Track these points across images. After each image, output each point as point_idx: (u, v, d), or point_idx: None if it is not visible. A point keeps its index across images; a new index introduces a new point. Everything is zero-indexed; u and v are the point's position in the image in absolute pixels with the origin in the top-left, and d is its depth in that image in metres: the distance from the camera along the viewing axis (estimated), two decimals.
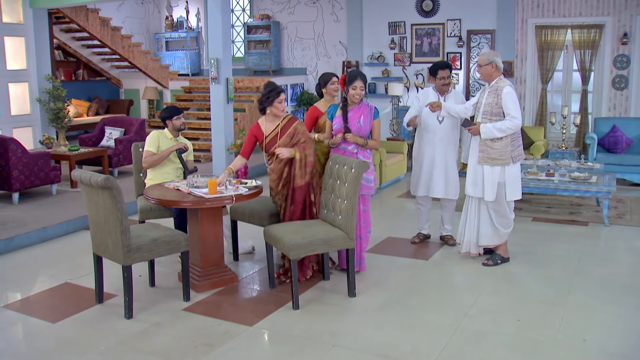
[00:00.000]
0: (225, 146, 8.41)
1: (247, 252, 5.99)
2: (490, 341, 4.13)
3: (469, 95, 11.14)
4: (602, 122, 9.48)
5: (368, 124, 5.28)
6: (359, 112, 5.26)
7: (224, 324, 4.41)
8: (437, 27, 11.39)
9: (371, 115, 5.29)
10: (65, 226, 6.81)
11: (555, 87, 10.69)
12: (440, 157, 5.94)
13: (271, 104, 5.16)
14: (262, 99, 5.18)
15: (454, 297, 4.93)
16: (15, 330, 4.53)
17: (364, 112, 5.27)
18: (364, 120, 5.25)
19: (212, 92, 8.52)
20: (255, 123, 5.39)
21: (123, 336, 4.25)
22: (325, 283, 5.19)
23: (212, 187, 4.85)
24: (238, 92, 12.03)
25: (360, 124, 5.24)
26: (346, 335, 4.23)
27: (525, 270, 5.47)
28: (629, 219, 7.10)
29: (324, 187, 5.09)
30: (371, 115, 5.29)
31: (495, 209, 5.46)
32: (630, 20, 9.76)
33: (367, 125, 5.26)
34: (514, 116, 5.22)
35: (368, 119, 5.27)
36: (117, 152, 9.32)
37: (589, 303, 4.74)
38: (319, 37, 12.81)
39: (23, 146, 7.70)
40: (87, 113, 13.03)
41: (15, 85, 10.08)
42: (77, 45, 13.32)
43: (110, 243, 4.51)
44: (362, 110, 5.28)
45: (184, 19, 14.67)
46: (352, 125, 5.21)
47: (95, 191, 4.46)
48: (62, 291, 5.14)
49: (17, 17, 10.05)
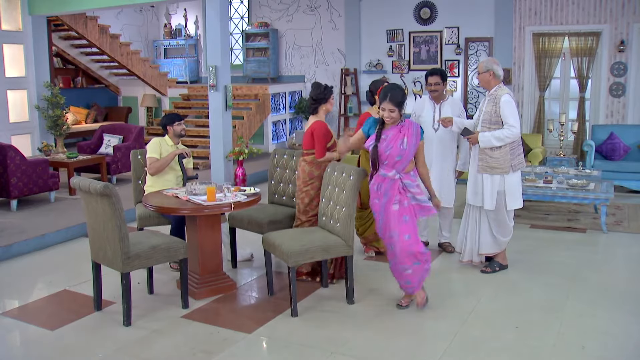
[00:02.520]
0: (223, 154, 8.41)
1: (245, 260, 5.99)
2: (489, 348, 4.13)
3: (467, 103, 11.17)
4: (600, 129, 9.50)
5: (413, 146, 4.56)
6: (401, 133, 4.55)
7: (223, 331, 4.41)
8: (435, 35, 11.44)
9: (417, 136, 4.57)
10: (64, 233, 6.80)
11: (553, 94, 10.72)
12: (436, 165, 5.94)
13: (327, 101, 5.30)
14: (319, 96, 5.26)
15: (453, 303, 4.93)
16: (14, 338, 4.52)
17: (409, 133, 4.55)
18: (408, 142, 4.53)
19: (211, 99, 8.53)
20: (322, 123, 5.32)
21: (122, 343, 4.25)
22: (323, 290, 5.19)
23: (210, 194, 4.86)
24: (236, 99, 12.05)
25: (403, 147, 4.52)
26: (345, 342, 4.22)
27: (523, 277, 5.47)
28: (627, 226, 7.11)
29: (323, 194, 5.09)
30: (417, 137, 4.57)
31: (495, 217, 5.46)
32: (627, 28, 9.81)
33: (411, 148, 4.55)
34: (512, 125, 5.21)
35: (413, 141, 4.55)
36: (116, 160, 9.32)
37: (588, 310, 4.74)
38: (317, 44, 12.84)
39: (21, 153, 7.70)
40: (85, 120, 13.04)
41: (14, 93, 10.08)
42: (76, 53, 13.34)
43: (109, 250, 4.50)
44: (407, 130, 4.56)
45: (183, 27, 14.70)
46: (393, 148, 4.51)
47: (94, 198, 4.46)
48: (61, 298, 5.13)
49: (16, 24, 10.07)
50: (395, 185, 4.58)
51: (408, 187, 4.60)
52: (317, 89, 5.29)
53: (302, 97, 12.93)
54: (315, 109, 5.29)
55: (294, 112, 12.85)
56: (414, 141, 4.55)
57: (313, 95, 5.28)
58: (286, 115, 12.72)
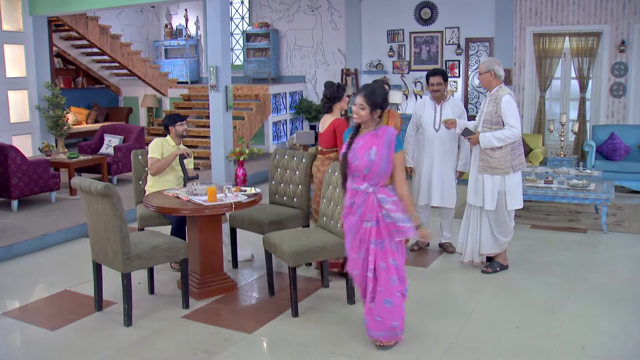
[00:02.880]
0: (224, 154, 8.42)
1: (246, 260, 5.99)
2: (490, 348, 4.13)
3: (468, 103, 11.17)
4: (600, 130, 9.50)
5: (384, 158, 3.86)
6: (371, 141, 3.91)
7: (224, 332, 4.41)
8: (436, 35, 11.44)
9: (389, 147, 3.86)
10: (65, 234, 6.81)
11: (554, 94, 10.72)
12: (437, 165, 5.95)
13: (341, 100, 5.43)
14: (333, 95, 5.40)
15: (454, 304, 4.93)
16: (14, 338, 4.53)
17: (380, 142, 3.86)
18: (377, 152, 3.85)
19: (211, 99, 8.53)
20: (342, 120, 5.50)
21: (122, 344, 4.25)
22: (324, 290, 5.19)
23: (211, 194, 4.86)
24: (237, 99, 12.05)
25: (370, 158, 3.86)
26: (346, 342, 4.22)
27: (524, 278, 5.47)
28: (628, 226, 7.11)
29: (323, 195, 5.10)
30: (389, 147, 3.86)
31: (495, 217, 5.46)
32: (627, 28, 9.80)
33: (381, 161, 3.85)
34: (513, 125, 5.21)
35: (384, 152, 3.85)
36: (116, 160, 9.32)
37: (588, 310, 4.75)
38: (317, 45, 12.85)
39: (22, 153, 7.70)
40: (86, 121, 13.05)
41: (15, 93, 10.09)
42: (77, 53, 13.35)
43: (110, 250, 4.51)
44: (378, 140, 3.89)
45: (183, 27, 14.71)
46: (359, 158, 3.88)
47: (94, 199, 4.46)
48: (62, 299, 5.13)
49: (17, 24, 10.08)
50: (369, 200, 3.94)
51: (382, 202, 3.92)
52: (331, 88, 5.44)
53: (303, 98, 12.93)
54: (330, 107, 5.48)
55: (294, 112, 12.84)
56: (385, 152, 3.84)
57: (327, 94, 5.44)
58: (287, 115, 12.72)
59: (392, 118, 5.85)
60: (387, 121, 5.78)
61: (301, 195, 5.68)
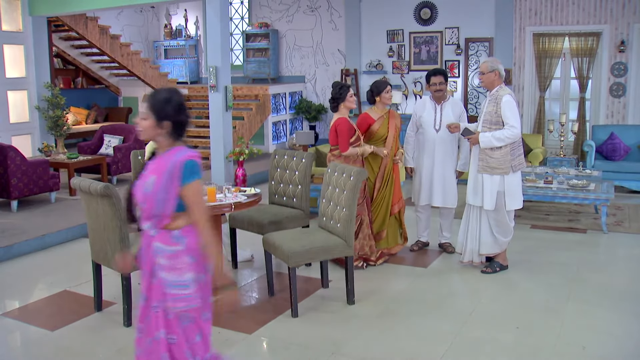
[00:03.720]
0: (224, 154, 8.41)
1: (246, 260, 5.99)
2: (490, 348, 4.13)
3: (467, 103, 11.17)
4: (600, 130, 9.50)
5: (163, 190, 2.85)
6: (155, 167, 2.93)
7: (223, 332, 4.40)
8: (436, 35, 11.44)
9: (174, 176, 2.83)
10: (64, 234, 6.80)
11: (553, 94, 10.72)
12: (438, 165, 5.96)
13: (345, 99, 5.52)
14: (336, 95, 5.55)
15: (453, 304, 4.93)
16: (14, 338, 4.53)
17: (161, 170, 2.87)
18: (156, 183, 2.86)
19: (211, 100, 8.52)
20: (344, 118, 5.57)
21: (122, 344, 4.24)
22: (324, 291, 5.19)
23: (211, 195, 4.86)
24: (237, 100, 12.05)
25: (146, 190, 2.90)
26: (346, 343, 4.22)
27: (524, 278, 5.47)
28: (628, 226, 7.11)
29: (323, 195, 5.10)
30: (174, 177, 2.83)
31: (495, 217, 5.46)
32: (627, 28, 9.80)
33: (159, 193, 2.85)
34: (513, 125, 5.21)
35: (164, 183, 2.84)
36: (116, 160, 9.32)
37: (588, 310, 4.74)
38: (317, 45, 12.85)
39: (22, 154, 7.70)
40: (85, 121, 13.05)
41: (14, 93, 10.09)
42: (76, 53, 13.35)
43: (110, 251, 4.50)
44: (162, 165, 2.89)
45: (183, 27, 14.71)
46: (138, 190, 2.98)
47: (94, 199, 4.46)
48: (61, 299, 5.13)
49: (17, 25, 10.07)
50: (150, 248, 3.01)
51: (157, 252, 2.96)
52: (335, 89, 5.61)
53: (302, 98, 12.93)
54: (336, 107, 5.61)
55: (294, 112, 12.84)
56: (165, 183, 2.84)
57: (332, 94, 5.60)
58: (286, 115, 12.72)
59: (392, 118, 5.85)
60: (388, 121, 5.79)
61: (301, 195, 5.68)
